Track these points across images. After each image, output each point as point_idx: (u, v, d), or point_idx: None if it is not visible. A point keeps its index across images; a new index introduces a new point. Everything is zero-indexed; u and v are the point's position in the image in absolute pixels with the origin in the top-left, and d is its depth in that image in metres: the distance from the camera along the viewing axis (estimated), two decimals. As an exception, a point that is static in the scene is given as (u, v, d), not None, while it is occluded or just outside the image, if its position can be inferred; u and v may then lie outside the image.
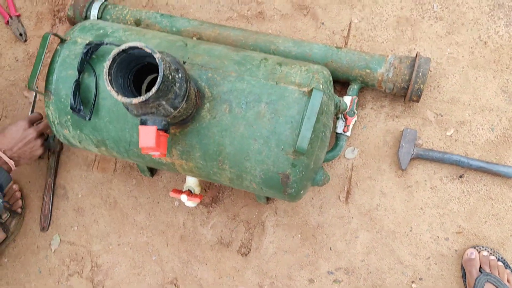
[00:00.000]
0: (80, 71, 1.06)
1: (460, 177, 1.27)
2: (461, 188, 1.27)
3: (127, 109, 0.93)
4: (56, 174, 1.51)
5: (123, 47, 0.85)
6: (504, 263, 1.21)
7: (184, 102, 0.94)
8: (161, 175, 1.46)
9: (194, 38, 1.33)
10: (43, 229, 1.51)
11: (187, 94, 0.94)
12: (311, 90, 0.99)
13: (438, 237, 1.28)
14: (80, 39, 1.12)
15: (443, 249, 1.28)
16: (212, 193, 1.42)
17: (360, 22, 1.37)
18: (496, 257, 1.21)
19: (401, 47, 1.34)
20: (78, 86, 1.07)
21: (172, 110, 0.92)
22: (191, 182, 1.30)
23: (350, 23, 1.38)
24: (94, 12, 1.40)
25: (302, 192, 1.10)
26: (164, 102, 0.89)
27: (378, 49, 1.35)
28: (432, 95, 1.31)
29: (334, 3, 1.39)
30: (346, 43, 1.37)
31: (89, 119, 1.08)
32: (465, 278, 1.24)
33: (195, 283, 1.42)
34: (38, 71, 1.08)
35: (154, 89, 0.84)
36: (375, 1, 1.37)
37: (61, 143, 1.50)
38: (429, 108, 1.31)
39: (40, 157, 1.51)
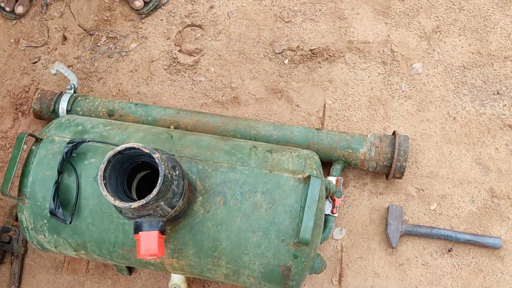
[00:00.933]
0: (60, 171, 0.99)
1: (449, 251, 1.27)
2: (452, 262, 1.27)
3: (120, 212, 0.87)
4: (20, 280, 1.36)
5: (119, 148, 0.80)
6: (505, 337, 1.20)
7: (181, 200, 0.89)
8: (139, 272, 1.35)
9: (172, 127, 1.30)
10: None
11: (184, 191, 0.89)
12: (308, 177, 0.97)
13: (436, 315, 1.25)
14: (57, 137, 1.06)
15: (443, 327, 1.25)
16: (196, 287, 1.33)
17: (334, 103, 1.41)
18: (497, 332, 1.20)
19: (376, 125, 1.38)
20: (58, 188, 0.99)
21: (170, 209, 0.86)
22: (177, 278, 1.21)
23: (325, 104, 1.41)
24: (63, 105, 1.34)
25: (302, 283, 1.05)
26: (162, 203, 0.83)
27: (354, 128, 1.38)
28: (411, 171, 1.33)
29: (307, 86, 1.43)
30: (322, 124, 1.39)
31: (70, 222, 0.99)
32: None
33: None
34: (13, 174, 1.00)
35: (154, 191, 0.79)
36: (345, 83, 1.42)
37: (26, 245, 1.37)
38: (410, 184, 1.33)
39: (1, 263, 1.37)
